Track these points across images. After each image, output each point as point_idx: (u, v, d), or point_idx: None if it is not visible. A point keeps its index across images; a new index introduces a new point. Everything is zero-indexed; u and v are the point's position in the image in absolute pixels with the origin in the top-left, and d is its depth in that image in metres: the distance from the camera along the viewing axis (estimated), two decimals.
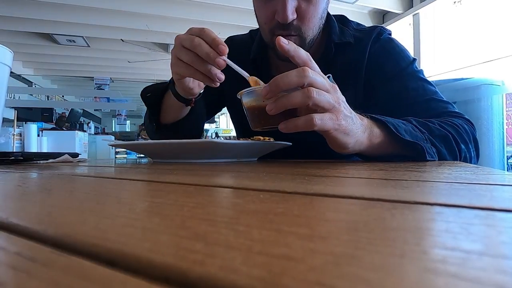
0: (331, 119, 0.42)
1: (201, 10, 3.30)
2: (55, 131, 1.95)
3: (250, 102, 0.47)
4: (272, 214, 0.13)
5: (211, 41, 0.48)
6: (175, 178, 0.29)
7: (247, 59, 0.76)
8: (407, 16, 3.23)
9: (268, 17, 0.62)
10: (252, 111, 0.47)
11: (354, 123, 0.46)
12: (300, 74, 0.41)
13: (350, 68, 0.70)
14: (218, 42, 0.47)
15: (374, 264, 0.08)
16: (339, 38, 0.70)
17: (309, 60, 0.43)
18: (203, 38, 0.48)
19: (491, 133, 1.92)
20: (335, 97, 0.44)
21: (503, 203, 0.16)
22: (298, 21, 0.61)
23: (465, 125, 0.58)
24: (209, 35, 0.48)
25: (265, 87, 0.41)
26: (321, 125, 0.42)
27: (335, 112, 0.43)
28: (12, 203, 0.18)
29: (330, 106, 0.42)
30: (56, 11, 3.25)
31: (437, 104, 0.63)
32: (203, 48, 0.48)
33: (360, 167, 0.40)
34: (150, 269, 0.08)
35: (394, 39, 0.73)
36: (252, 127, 0.49)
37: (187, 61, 0.50)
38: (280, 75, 0.41)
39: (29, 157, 0.63)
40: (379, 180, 0.26)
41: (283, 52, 0.42)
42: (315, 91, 0.40)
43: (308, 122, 0.41)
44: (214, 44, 0.47)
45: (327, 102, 0.42)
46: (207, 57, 0.48)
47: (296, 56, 0.42)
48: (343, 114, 0.44)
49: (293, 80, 0.40)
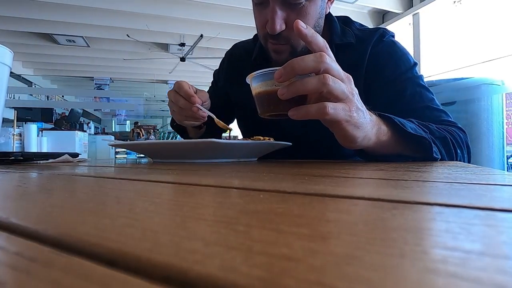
0: (343, 110, 0.41)
1: (201, 10, 3.30)
2: (55, 131, 1.95)
3: (260, 86, 0.45)
4: (272, 214, 0.13)
5: (185, 95, 0.62)
6: (175, 178, 0.29)
7: (249, 62, 0.79)
8: (407, 16, 3.24)
9: (261, 24, 0.64)
10: (261, 96, 0.45)
11: (364, 117, 0.45)
12: (318, 59, 0.39)
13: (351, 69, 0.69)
14: (189, 95, 0.62)
15: (374, 264, 0.08)
16: (340, 39, 0.70)
17: (326, 47, 0.42)
18: (180, 93, 0.63)
19: (491, 133, 1.92)
20: (350, 88, 0.42)
21: (503, 203, 0.16)
22: (287, 32, 0.61)
23: (459, 132, 0.59)
24: (182, 91, 0.63)
25: (279, 70, 0.40)
26: (333, 114, 0.40)
27: (348, 102, 0.42)
28: (12, 203, 0.18)
29: (344, 96, 0.41)
30: (56, 11, 3.25)
31: (432, 113, 0.63)
32: (181, 102, 0.63)
33: (360, 167, 0.40)
34: (150, 269, 0.08)
35: (397, 42, 0.72)
36: (260, 113, 0.47)
37: (176, 111, 0.66)
38: (296, 59, 0.39)
39: (29, 157, 0.63)
40: (379, 180, 0.26)
41: (301, 36, 0.41)
42: (331, 78, 0.39)
43: (320, 110, 0.40)
44: (187, 97, 0.62)
45: (342, 91, 0.41)
46: (185, 107, 0.63)
47: (313, 42, 0.41)
48: (356, 106, 0.43)
49: (310, 64, 0.39)
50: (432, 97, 0.66)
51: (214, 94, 0.90)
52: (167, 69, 5.30)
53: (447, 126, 0.60)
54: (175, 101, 0.64)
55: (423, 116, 0.61)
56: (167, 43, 4.32)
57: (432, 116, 0.62)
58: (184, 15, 3.31)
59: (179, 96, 0.63)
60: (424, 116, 0.61)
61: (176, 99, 0.64)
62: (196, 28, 3.69)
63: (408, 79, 0.66)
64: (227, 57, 0.90)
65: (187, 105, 0.62)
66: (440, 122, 0.61)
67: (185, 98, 0.62)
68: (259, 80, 0.45)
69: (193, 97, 0.62)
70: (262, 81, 0.45)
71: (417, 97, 0.64)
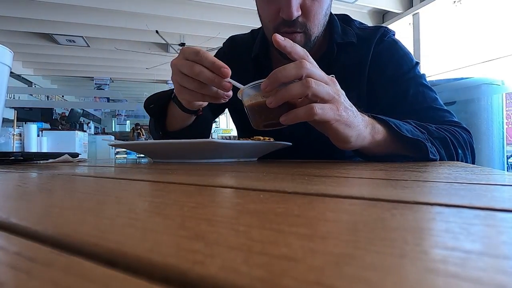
0: (331, 109, 0.42)
1: (201, 10, 3.30)
2: (55, 131, 1.95)
3: (250, 99, 0.47)
4: (272, 214, 0.13)
5: (211, 65, 0.47)
6: (175, 178, 0.29)
7: (249, 58, 0.77)
8: (407, 16, 3.24)
9: (272, 15, 0.62)
10: (252, 108, 0.47)
11: (355, 116, 0.45)
12: (298, 66, 0.41)
13: (353, 68, 0.70)
14: (219, 66, 0.46)
15: (374, 264, 0.08)
16: (342, 38, 0.70)
17: (306, 55, 0.43)
18: (202, 63, 0.47)
19: (491, 133, 1.92)
20: (335, 89, 0.43)
21: (503, 203, 0.16)
22: (303, 17, 0.61)
23: (462, 133, 0.58)
24: (207, 60, 0.47)
25: (264, 81, 0.42)
26: (322, 114, 0.41)
27: (335, 103, 0.43)
28: (12, 203, 0.18)
29: (330, 97, 0.42)
30: (56, 11, 3.25)
31: (436, 113, 0.63)
32: (206, 75, 0.47)
33: (360, 167, 0.40)
34: (150, 269, 0.08)
35: (398, 41, 0.72)
36: (254, 125, 0.48)
37: (192, 88, 0.49)
38: (278, 68, 0.41)
39: (29, 157, 0.63)
40: (379, 180, 0.26)
41: (280, 48, 0.42)
42: (314, 81, 0.41)
43: (308, 112, 0.41)
44: (215, 68, 0.47)
45: (327, 92, 0.42)
46: (212, 83, 0.48)
47: (293, 52, 0.42)
48: (344, 105, 0.44)
49: (291, 72, 0.41)
50: (435, 97, 0.65)
51: None
52: (167, 69, 5.31)
53: (450, 126, 0.59)
54: (196, 75, 0.47)
55: (427, 117, 0.60)
56: (167, 43, 4.32)
57: (435, 116, 0.62)
58: (184, 15, 3.31)
59: (203, 68, 0.47)
60: (428, 116, 0.61)
61: (197, 73, 0.47)
62: (196, 28, 3.69)
63: (410, 79, 0.66)
64: (227, 50, 0.83)
65: (215, 81, 0.47)
66: (443, 122, 0.61)
67: (212, 70, 0.47)
68: (249, 93, 0.47)
69: (224, 68, 0.46)
70: (251, 94, 0.46)
71: (420, 97, 0.64)
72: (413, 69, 0.67)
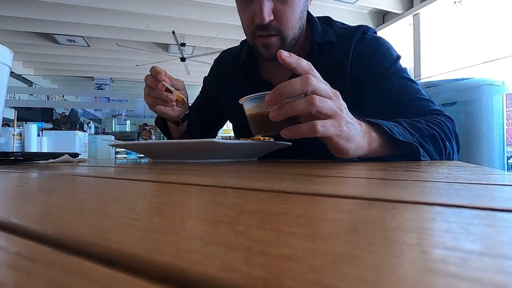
0: (333, 126, 0.43)
1: (201, 10, 3.30)
2: (55, 131, 1.95)
3: (252, 109, 0.48)
4: (272, 214, 0.13)
5: (153, 72, 0.62)
6: (175, 178, 0.29)
7: (237, 67, 0.81)
8: (407, 16, 3.23)
9: (248, 20, 0.66)
10: (254, 117, 0.48)
11: (355, 129, 0.47)
12: (304, 82, 0.41)
13: (334, 67, 0.72)
14: (157, 72, 0.61)
15: (374, 264, 0.08)
16: (321, 37, 0.72)
17: (311, 69, 0.44)
18: (151, 73, 0.63)
19: (491, 133, 1.92)
20: (338, 104, 0.44)
21: (503, 203, 0.16)
22: (276, 21, 0.64)
23: (447, 122, 0.61)
24: (153, 69, 0.62)
25: (269, 94, 0.42)
26: (323, 131, 0.43)
27: (337, 118, 0.44)
28: (12, 203, 0.18)
29: (333, 113, 0.43)
30: (56, 11, 3.25)
31: (421, 103, 0.66)
32: (149, 79, 0.63)
33: (360, 167, 0.40)
34: (150, 269, 0.08)
35: (380, 37, 0.74)
36: (253, 132, 0.50)
37: (147, 92, 0.66)
38: (284, 83, 0.41)
39: (29, 157, 0.63)
40: (379, 180, 0.26)
41: (285, 64, 0.42)
42: (318, 98, 0.41)
43: (311, 129, 0.42)
44: (154, 74, 0.62)
45: (330, 109, 0.43)
46: (152, 84, 0.63)
47: (298, 67, 0.43)
48: (345, 120, 0.45)
49: (297, 87, 0.41)
50: (418, 88, 0.68)
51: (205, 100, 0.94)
52: (167, 68, 5.30)
53: (435, 115, 0.62)
54: (145, 81, 0.64)
55: (413, 108, 0.64)
56: (167, 43, 4.32)
57: (421, 106, 0.65)
58: (184, 15, 3.31)
59: (149, 75, 0.63)
60: (413, 107, 0.64)
61: (146, 79, 0.64)
62: (196, 28, 3.69)
63: (393, 74, 0.68)
64: (216, 65, 0.92)
65: (154, 82, 0.62)
66: (429, 111, 0.64)
67: (153, 76, 0.62)
68: (252, 103, 0.48)
69: (160, 74, 0.61)
70: (254, 104, 0.48)
71: (404, 90, 0.67)
72: (394, 64, 0.69)
